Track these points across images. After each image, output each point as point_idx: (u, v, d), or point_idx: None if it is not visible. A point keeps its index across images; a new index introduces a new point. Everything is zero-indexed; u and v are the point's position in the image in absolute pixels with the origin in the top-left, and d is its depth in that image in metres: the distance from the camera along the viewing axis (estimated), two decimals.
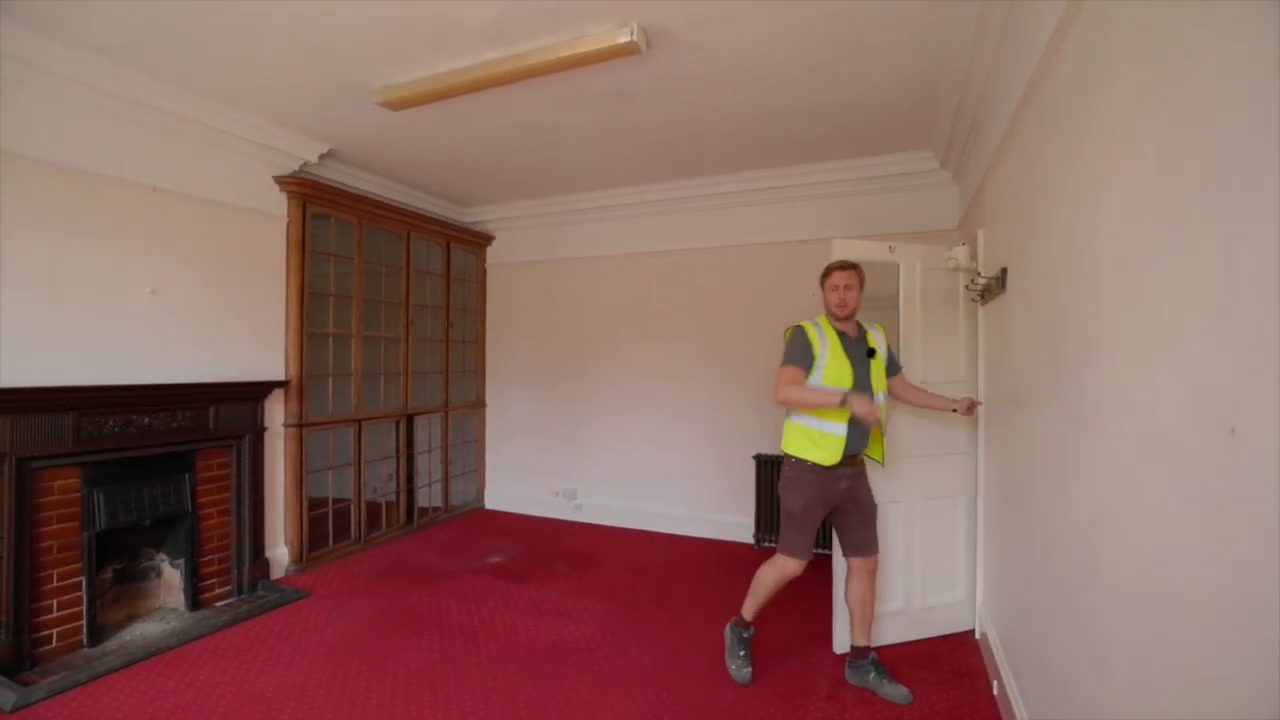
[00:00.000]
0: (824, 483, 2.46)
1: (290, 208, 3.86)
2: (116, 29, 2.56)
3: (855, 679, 2.55)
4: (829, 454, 2.40)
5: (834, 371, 2.43)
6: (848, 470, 2.48)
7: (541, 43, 2.58)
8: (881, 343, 2.56)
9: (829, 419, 2.42)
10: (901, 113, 3.24)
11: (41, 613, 2.69)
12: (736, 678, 2.56)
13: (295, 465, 3.87)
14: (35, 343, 2.72)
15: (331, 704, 2.39)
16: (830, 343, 2.47)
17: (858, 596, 2.57)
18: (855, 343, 2.51)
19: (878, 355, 2.51)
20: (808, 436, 2.47)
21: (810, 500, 2.47)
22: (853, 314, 2.51)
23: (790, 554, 2.50)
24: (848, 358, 2.45)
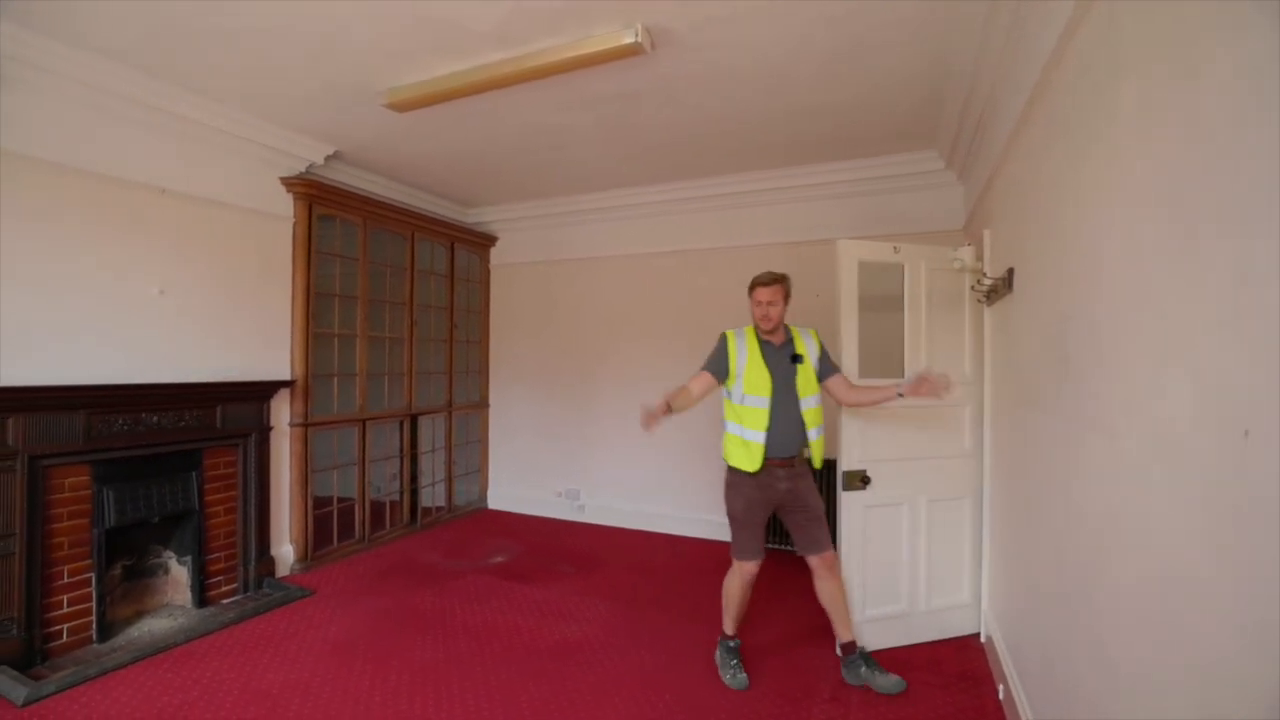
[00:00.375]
0: (761, 486, 2.56)
1: (296, 209, 3.90)
2: (126, 32, 2.60)
3: (850, 677, 2.60)
4: (753, 459, 2.53)
5: (753, 379, 2.56)
6: (784, 472, 2.57)
7: (546, 44, 2.61)
8: (812, 348, 2.65)
9: (750, 427, 2.55)
10: (906, 112, 3.26)
11: (52, 608, 2.73)
12: (732, 685, 2.58)
13: (301, 464, 3.91)
14: (46, 342, 2.76)
15: (336, 702, 2.42)
16: (750, 352, 2.60)
17: (826, 594, 2.64)
18: (779, 351, 2.62)
19: (806, 361, 2.61)
20: (737, 444, 2.60)
21: (749, 503, 2.58)
22: (776, 326, 2.61)
23: (742, 557, 2.61)
24: (767, 366, 2.58)
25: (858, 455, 2.82)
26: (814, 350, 2.67)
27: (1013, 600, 2.43)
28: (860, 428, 2.82)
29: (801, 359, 2.62)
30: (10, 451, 2.58)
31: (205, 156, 3.40)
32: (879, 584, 2.87)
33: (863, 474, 2.81)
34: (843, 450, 2.82)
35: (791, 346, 2.64)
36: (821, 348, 2.69)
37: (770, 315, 2.58)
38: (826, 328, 4.05)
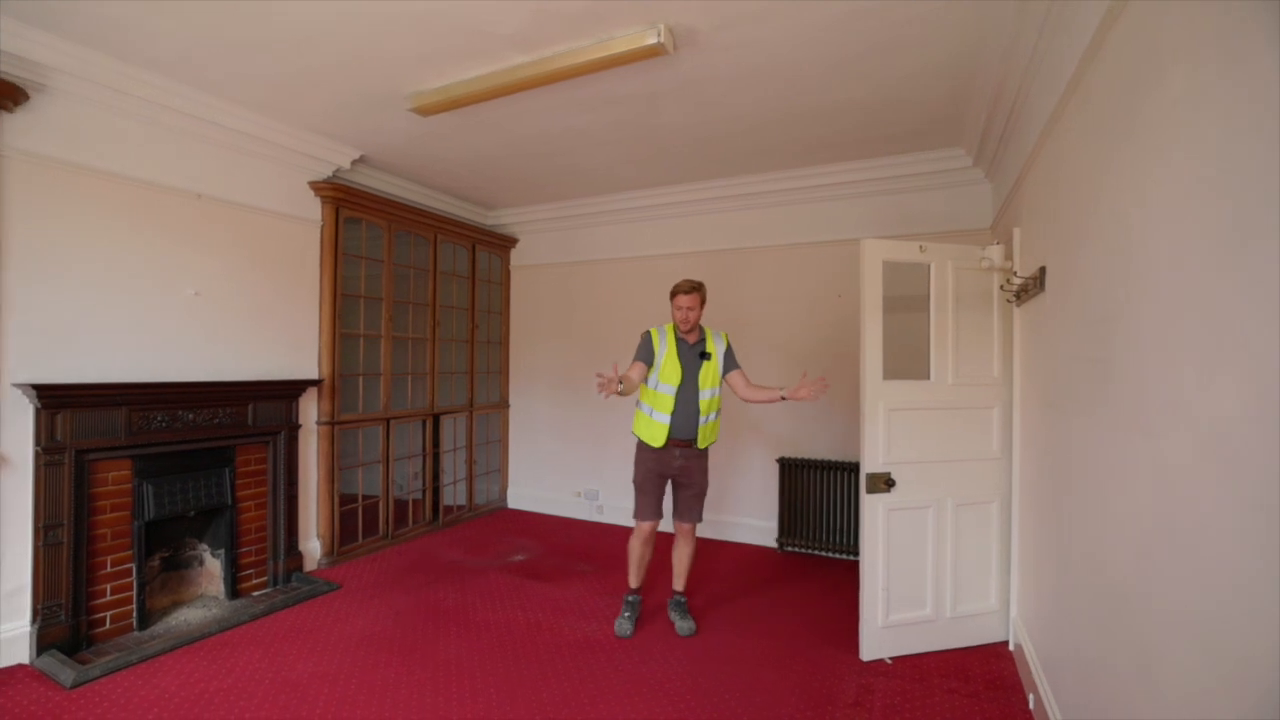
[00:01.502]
0: (660, 460, 3.06)
1: (324, 212, 3.99)
2: (168, 45, 2.70)
3: (671, 612, 3.17)
4: (657, 437, 3.01)
5: (667, 370, 3.01)
6: (681, 451, 3.05)
7: (568, 46, 2.65)
8: (720, 347, 3.08)
9: (658, 410, 3.02)
10: (933, 109, 3.23)
11: (96, 596, 2.85)
12: (616, 632, 3.03)
13: (327, 462, 3.99)
14: (91, 341, 2.88)
15: (363, 693, 2.48)
16: (669, 347, 3.04)
17: (678, 554, 3.20)
18: (691, 348, 3.06)
19: (713, 358, 3.03)
20: (646, 422, 3.07)
21: (648, 473, 3.08)
22: (693, 327, 3.05)
23: (640, 518, 3.10)
24: (679, 360, 3.02)
25: (881, 458, 2.81)
26: (721, 349, 3.08)
27: (1044, 607, 2.38)
28: (884, 430, 2.80)
29: (709, 356, 3.04)
30: (59, 446, 2.70)
31: (238, 162, 3.51)
32: (903, 589, 2.84)
33: (887, 476, 2.79)
34: (865, 452, 2.80)
35: (703, 345, 3.07)
36: (728, 347, 3.12)
37: (689, 318, 3.01)
38: (849, 328, 4.08)
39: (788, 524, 4.37)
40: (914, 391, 2.86)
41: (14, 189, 2.65)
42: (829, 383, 2.94)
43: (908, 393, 2.85)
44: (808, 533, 4.32)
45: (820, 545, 4.28)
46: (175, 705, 2.36)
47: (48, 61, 2.66)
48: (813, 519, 4.30)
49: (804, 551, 4.35)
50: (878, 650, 2.83)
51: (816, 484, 4.29)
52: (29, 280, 2.69)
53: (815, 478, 4.30)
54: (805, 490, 4.32)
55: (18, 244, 2.66)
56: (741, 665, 2.75)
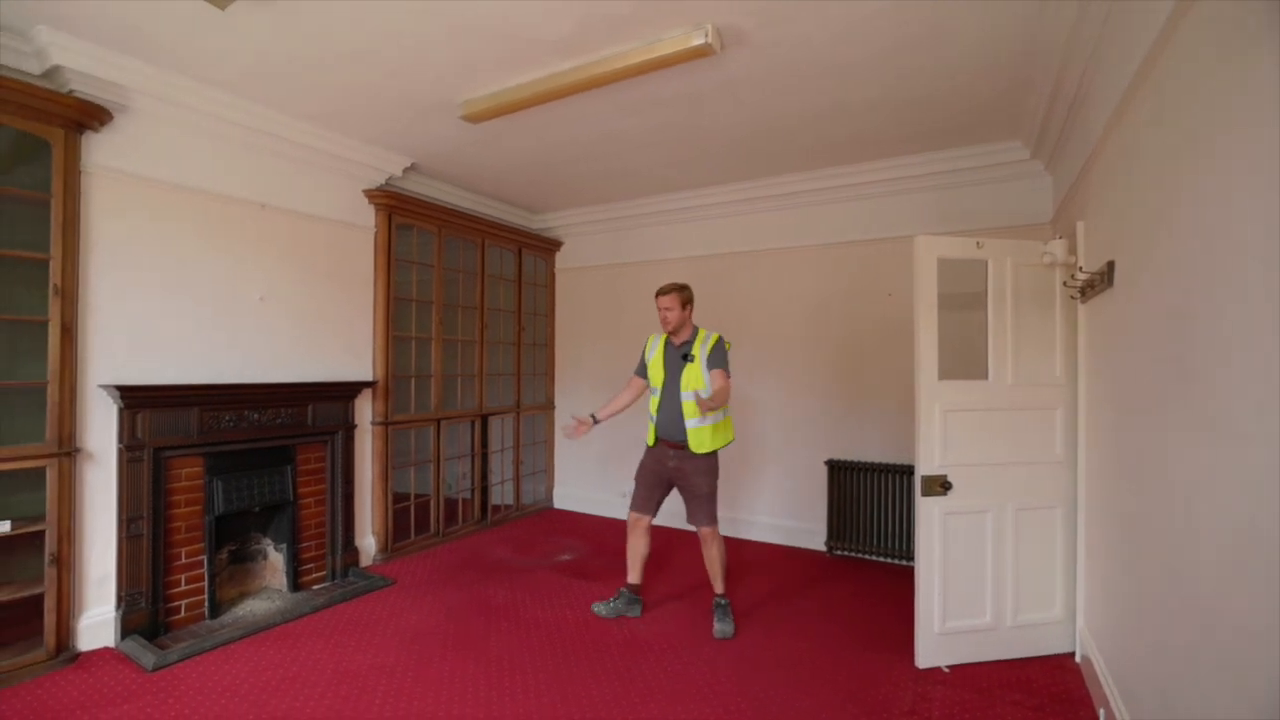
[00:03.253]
0: (654, 458, 3.19)
1: (378, 219, 4.13)
2: (234, 65, 2.85)
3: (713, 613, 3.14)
4: (649, 436, 3.19)
5: (654, 372, 3.17)
6: (674, 453, 3.11)
7: (614, 50, 2.67)
8: (705, 349, 3.04)
9: (651, 410, 3.18)
10: (989, 100, 3.12)
11: (172, 586, 3.02)
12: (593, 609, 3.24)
13: (382, 461, 4.12)
14: (166, 344, 3.06)
15: (420, 687, 2.54)
16: (658, 350, 3.19)
17: (705, 557, 3.18)
18: (677, 350, 3.12)
19: (695, 360, 3.03)
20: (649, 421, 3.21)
21: (643, 468, 3.24)
22: (674, 329, 3.10)
23: (631, 508, 3.26)
24: (664, 362, 3.13)
25: (937, 460, 2.73)
26: (705, 350, 3.05)
27: (1116, 620, 2.27)
28: (940, 432, 2.72)
29: (691, 358, 3.05)
30: (139, 443, 2.87)
31: (298, 173, 3.66)
32: (960, 595, 2.76)
33: (943, 479, 2.71)
34: (920, 453, 2.73)
35: (689, 346, 3.08)
36: (713, 347, 3.05)
37: (667, 319, 3.08)
38: (899, 328, 3.98)
39: (836, 527, 4.28)
40: (971, 392, 2.77)
41: (99, 203, 2.83)
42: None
43: (964, 393, 2.76)
44: (857, 537, 4.23)
45: (870, 549, 4.18)
46: (245, 691, 2.48)
47: (129, 83, 2.84)
48: (862, 522, 4.21)
49: (853, 555, 4.26)
50: (934, 658, 2.75)
51: (866, 487, 4.20)
52: (112, 288, 2.87)
53: (865, 480, 4.20)
54: (854, 493, 4.23)
55: (102, 254, 2.84)
56: (792, 669, 2.71)
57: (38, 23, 2.53)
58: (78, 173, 2.74)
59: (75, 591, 2.74)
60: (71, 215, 2.70)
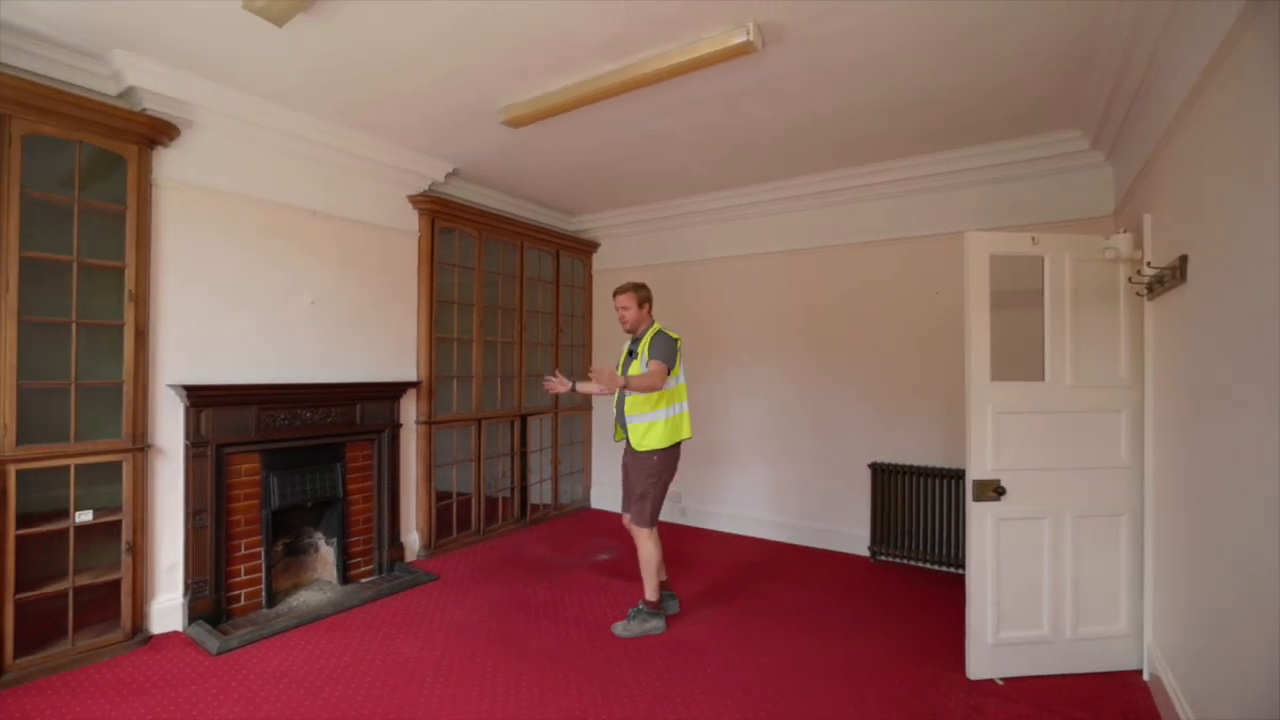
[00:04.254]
0: (624, 453, 3.24)
1: (421, 224, 4.25)
2: (288, 78, 2.97)
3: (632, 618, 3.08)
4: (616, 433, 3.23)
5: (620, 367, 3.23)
6: (627, 448, 3.17)
7: (655, 51, 2.68)
8: (645, 346, 3.06)
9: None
10: (1045, 90, 3.00)
11: (233, 576, 3.17)
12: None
13: (425, 459, 4.23)
14: (226, 346, 3.21)
15: (465, 679, 2.61)
16: (624, 349, 3.25)
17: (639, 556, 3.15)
18: (630, 347, 3.18)
19: (640, 356, 3.07)
20: None
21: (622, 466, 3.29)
22: (631, 327, 3.16)
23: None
24: (623, 361, 3.20)
25: (989, 464, 2.65)
26: (644, 347, 3.07)
27: (1190, 636, 2.15)
28: (993, 435, 2.64)
29: (635, 354, 3.10)
30: (204, 440, 3.03)
31: (346, 180, 3.80)
32: (1015, 605, 2.66)
33: (996, 484, 2.63)
34: (971, 457, 2.65)
35: (637, 343, 3.13)
36: (651, 339, 3.06)
37: (624, 318, 3.16)
38: (946, 327, 3.86)
39: (881, 532, 4.19)
40: (1026, 394, 2.68)
41: (167, 213, 3.00)
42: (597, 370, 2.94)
43: (1019, 395, 2.67)
44: (902, 542, 4.12)
45: (916, 556, 4.07)
46: (302, 677, 2.58)
47: (193, 100, 3.00)
48: (908, 527, 4.10)
49: (898, 561, 4.15)
50: (987, 669, 2.66)
51: (912, 491, 4.09)
52: (178, 293, 3.03)
53: (910, 484, 4.09)
54: (899, 497, 4.13)
55: (169, 262, 3.01)
56: (836, 675, 2.66)
57: (115, 47, 2.70)
58: (149, 185, 2.91)
59: (148, 578, 2.91)
60: (144, 226, 2.88)
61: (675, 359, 3.04)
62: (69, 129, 2.63)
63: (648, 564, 3.08)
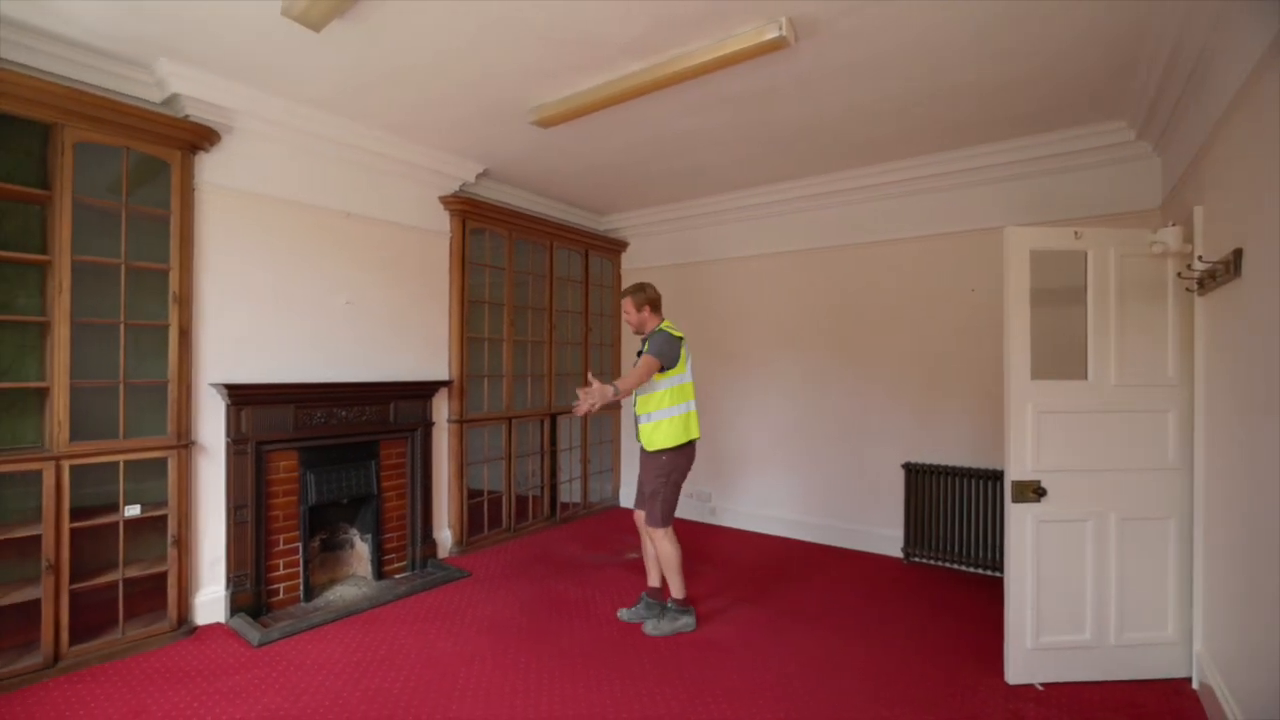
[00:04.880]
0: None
1: (452, 224, 4.30)
2: (324, 82, 3.03)
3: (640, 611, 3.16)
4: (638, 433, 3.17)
5: None
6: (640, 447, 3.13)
7: (685, 49, 2.67)
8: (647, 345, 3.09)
9: None
10: (1089, 80, 2.90)
11: (272, 570, 3.25)
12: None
13: (457, 457, 4.28)
14: (263, 346, 3.29)
15: (499, 673, 2.63)
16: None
17: (649, 552, 3.21)
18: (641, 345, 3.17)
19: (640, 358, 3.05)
20: None
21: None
22: (636, 329, 3.19)
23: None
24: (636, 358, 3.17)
25: (1029, 464, 2.58)
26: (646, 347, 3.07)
27: (1243, 645, 2.06)
28: (1033, 434, 2.57)
29: (640, 354, 3.08)
30: (244, 437, 3.11)
31: (379, 182, 3.86)
32: (1056, 609, 2.60)
33: (1036, 485, 2.56)
34: (1010, 457, 2.59)
35: (644, 344, 3.13)
36: (649, 336, 3.10)
37: (628, 322, 3.19)
38: (982, 325, 3.78)
39: (914, 534, 4.11)
40: (1068, 393, 2.60)
41: (208, 217, 3.09)
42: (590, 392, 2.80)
43: (1061, 394, 2.60)
44: (937, 544, 4.04)
45: (951, 558, 3.99)
46: (340, 669, 2.64)
47: (233, 105, 3.08)
48: (943, 529, 4.02)
49: (932, 563, 4.07)
50: (1026, 674, 2.59)
51: (947, 491, 4.01)
52: (218, 294, 3.12)
53: (945, 485, 4.01)
54: (934, 498, 4.05)
55: (210, 263, 3.09)
56: (870, 677, 2.62)
57: (160, 55, 2.78)
58: (192, 190, 3.00)
59: (192, 571, 3.00)
60: (187, 229, 2.96)
61: (676, 356, 3.01)
62: (116, 136, 2.72)
63: (669, 563, 3.06)
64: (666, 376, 3.01)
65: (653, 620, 3.08)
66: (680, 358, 3.04)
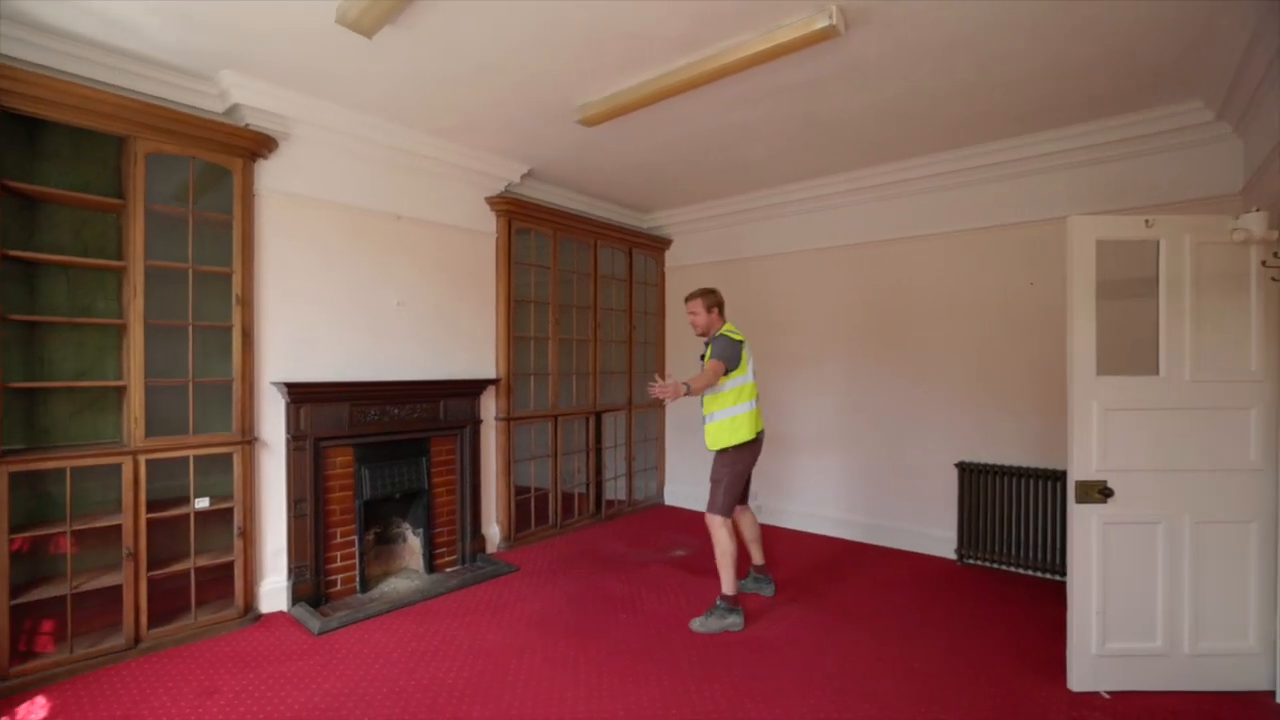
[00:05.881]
0: None
1: (499, 225, 4.36)
2: (377, 88, 3.11)
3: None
4: None
5: None
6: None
7: (732, 42, 2.64)
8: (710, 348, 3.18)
9: None
10: (1161, 57, 2.73)
11: (330, 561, 3.37)
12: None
13: (505, 454, 4.35)
14: (320, 345, 3.41)
15: (547, 666, 2.66)
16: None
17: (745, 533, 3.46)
18: (704, 347, 3.26)
19: (704, 360, 3.17)
20: None
21: None
22: (701, 331, 3.29)
23: None
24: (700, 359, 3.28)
25: (1094, 464, 2.46)
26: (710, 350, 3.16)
27: None
28: (1098, 432, 2.45)
29: (703, 357, 3.19)
30: (303, 434, 3.23)
31: (428, 185, 3.95)
32: (1123, 614, 2.47)
33: (1102, 485, 2.44)
34: (1074, 456, 2.47)
35: (707, 347, 3.21)
36: (714, 341, 3.17)
37: (694, 323, 3.29)
38: (1041, 319, 3.62)
39: (968, 534, 3.98)
40: (1137, 389, 2.47)
41: (268, 222, 3.21)
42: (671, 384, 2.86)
43: (1129, 391, 2.47)
44: (992, 545, 3.90)
45: (1007, 560, 3.84)
46: (396, 658, 2.72)
47: (290, 114, 3.19)
48: (999, 530, 3.88)
49: (987, 566, 3.93)
50: (1091, 682, 2.48)
51: (1003, 491, 3.86)
52: (277, 295, 3.24)
53: (1002, 485, 3.87)
54: (990, 498, 3.91)
55: (269, 266, 3.22)
56: (927, 681, 2.55)
57: (223, 68, 2.91)
58: (252, 195, 3.13)
59: (256, 561, 3.14)
60: (248, 233, 3.09)
61: (738, 358, 3.12)
62: (184, 146, 2.86)
63: (722, 555, 3.10)
64: (730, 378, 3.12)
65: (700, 617, 3.07)
66: (742, 360, 3.14)
